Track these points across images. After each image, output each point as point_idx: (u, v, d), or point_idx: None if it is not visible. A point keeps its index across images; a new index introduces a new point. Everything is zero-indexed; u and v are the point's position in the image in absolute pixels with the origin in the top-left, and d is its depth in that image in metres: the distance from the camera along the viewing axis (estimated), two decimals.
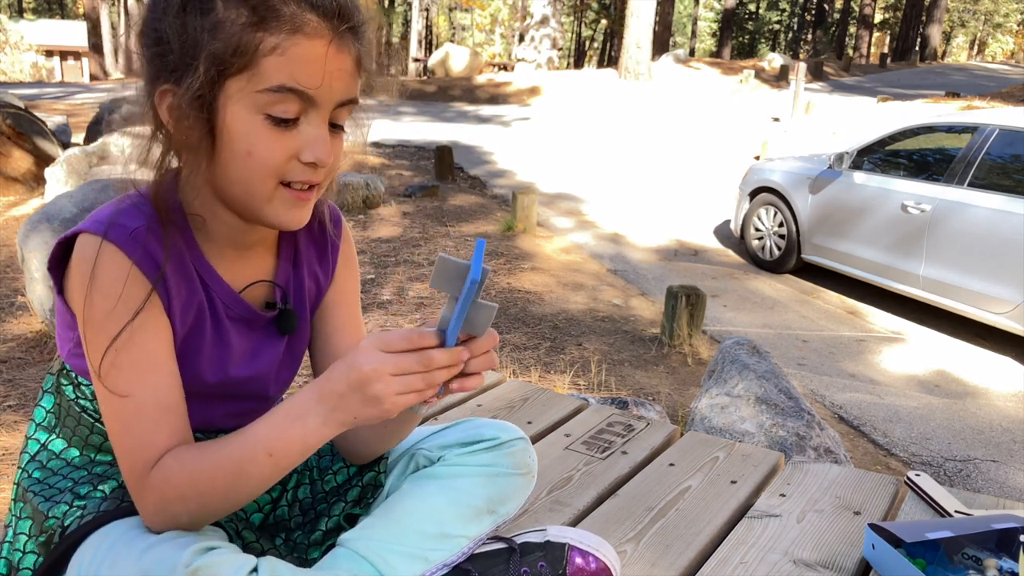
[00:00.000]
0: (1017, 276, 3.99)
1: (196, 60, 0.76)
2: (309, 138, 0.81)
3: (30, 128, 6.77)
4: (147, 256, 0.82)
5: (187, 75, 0.77)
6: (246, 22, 0.76)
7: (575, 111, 15.08)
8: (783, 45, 48.68)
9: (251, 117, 0.78)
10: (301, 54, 0.77)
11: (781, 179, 5.73)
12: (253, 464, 0.80)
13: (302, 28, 0.77)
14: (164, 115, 0.81)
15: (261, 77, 0.77)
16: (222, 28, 0.76)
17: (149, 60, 0.81)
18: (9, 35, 31.11)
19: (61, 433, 0.94)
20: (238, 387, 0.96)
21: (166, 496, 0.81)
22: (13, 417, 2.83)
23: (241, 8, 0.76)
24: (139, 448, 0.82)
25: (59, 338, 0.91)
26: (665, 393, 3.44)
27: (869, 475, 1.48)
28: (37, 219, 3.61)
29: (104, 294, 0.80)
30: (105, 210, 0.84)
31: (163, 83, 0.79)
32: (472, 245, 5.84)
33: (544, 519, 1.27)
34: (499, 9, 39.13)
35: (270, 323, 0.97)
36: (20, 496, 0.93)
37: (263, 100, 0.78)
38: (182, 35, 0.77)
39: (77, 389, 0.91)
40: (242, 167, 0.80)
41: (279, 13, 0.76)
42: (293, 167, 0.82)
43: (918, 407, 3.57)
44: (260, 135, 0.79)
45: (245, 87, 0.77)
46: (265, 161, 0.80)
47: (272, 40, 0.76)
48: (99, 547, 0.82)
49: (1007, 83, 18.29)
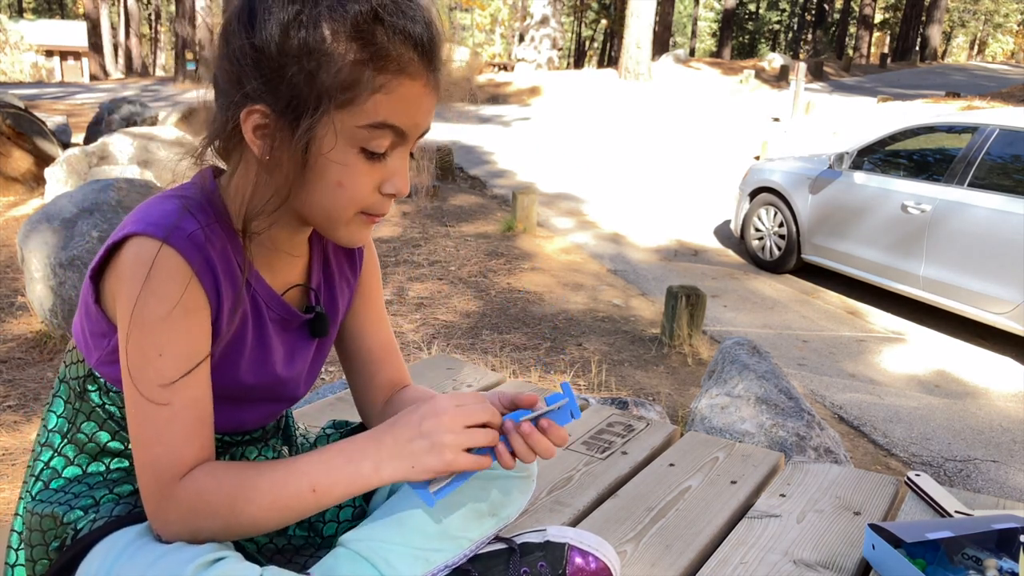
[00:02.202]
0: (1017, 276, 3.99)
1: (301, 90, 0.75)
2: (393, 170, 0.83)
3: (30, 128, 6.77)
4: (206, 263, 0.81)
5: (288, 101, 0.76)
6: (356, 59, 0.75)
7: (575, 111, 15.08)
8: (783, 45, 48.69)
9: (347, 149, 0.79)
10: (404, 94, 0.78)
11: (781, 179, 5.73)
12: (296, 497, 0.82)
13: (406, 69, 0.78)
14: (248, 134, 0.79)
15: (364, 113, 0.77)
16: (331, 61, 0.75)
17: (236, 76, 0.79)
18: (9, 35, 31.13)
19: (75, 440, 0.92)
20: (274, 389, 0.97)
21: (196, 510, 0.81)
22: (13, 417, 2.83)
23: (351, 43, 0.75)
24: (168, 458, 0.81)
25: (86, 346, 0.89)
26: (665, 393, 3.44)
27: (869, 475, 1.48)
28: (37, 219, 3.61)
29: (160, 299, 0.79)
30: (153, 211, 0.82)
31: (254, 103, 0.78)
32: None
33: (544, 519, 1.27)
34: (499, 9, 39.13)
35: (303, 325, 0.98)
36: (32, 504, 0.92)
37: (362, 135, 0.78)
38: (282, 60, 0.75)
39: (106, 395, 0.90)
40: (330, 196, 0.81)
41: (388, 53, 0.76)
42: (375, 198, 0.83)
43: (918, 407, 3.57)
44: (353, 168, 0.80)
45: (346, 120, 0.77)
46: (354, 193, 0.81)
47: (380, 79, 0.77)
48: (108, 554, 0.81)
49: (1007, 83, 18.29)
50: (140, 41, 35.34)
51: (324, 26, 0.75)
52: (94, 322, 0.87)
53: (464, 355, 3.71)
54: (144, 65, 35.32)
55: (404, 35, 0.77)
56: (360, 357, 1.08)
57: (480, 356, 3.72)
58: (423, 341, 3.88)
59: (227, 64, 0.80)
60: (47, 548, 0.89)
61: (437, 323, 4.21)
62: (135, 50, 33.55)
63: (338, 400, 1.75)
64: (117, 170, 5.67)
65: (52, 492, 0.91)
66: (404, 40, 0.77)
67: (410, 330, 4.07)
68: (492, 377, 1.94)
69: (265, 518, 0.82)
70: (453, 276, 5.10)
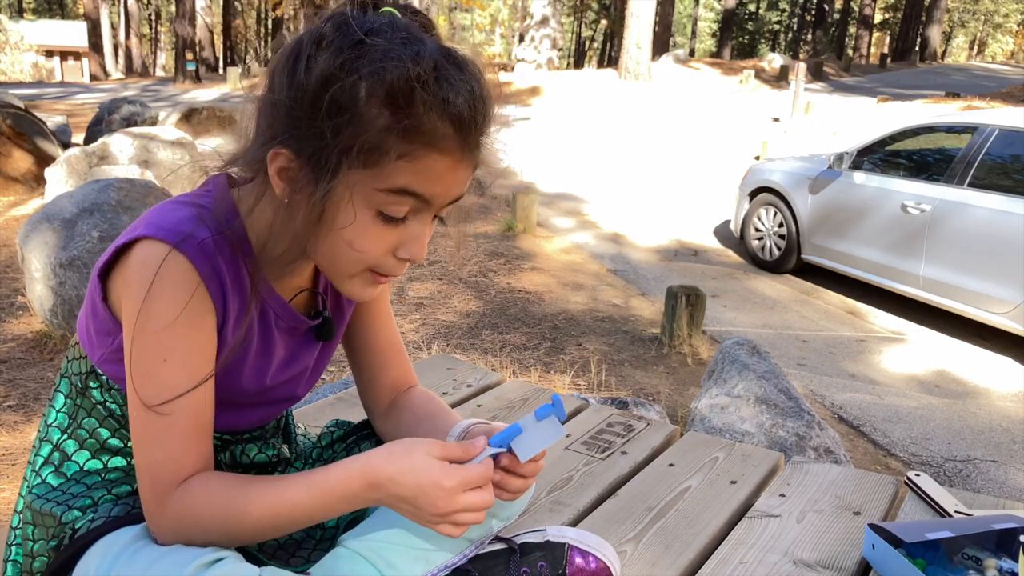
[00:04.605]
0: (1017, 276, 3.99)
1: (326, 144, 0.75)
2: (411, 235, 0.81)
3: (30, 128, 6.78)
4: (214, 273, 0.81)
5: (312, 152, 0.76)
6: (386, 125, 0.74)
7: (575, 111, 15.08)
8: (783, 45, 48.69)
9: (363, 210, 0.78)
10: (431, 166, 0.77)
11: (781, 179, 5.73)
12: (286, 522, 0.83)
13: (437, 144, 0.76)
14: (272, 174, 0.79)
15: (385, 178, 0.76)
16: (360, 123, 0.74)
17: (272, 115, 0.79)
18: (9, 35, 31.14)
19: (75, 435, 0.92)
20: (273, 393, 0.97)
21: (185, 522, 0.82)
22: (13, 417, 2.83)
23: (384, 109, 0.74)
24: (166, 465, 0.81)
25: (89, 343, 0.89)
26: (665, 393, 3.44)
27: (869, 475, 1.48)
28: (37, 219, 3.61)
29: (167, 305, 0.78)
30: (166, 216, 0.81)
31: (280, 145, 0.77)
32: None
33: (544, 519, 1.27)
34: (499, 9, 39.14)
35: (309, 330, 0.98)
36: (31, 499, 0.92)
37: (380, 199, 0.77)
38: (314, 111, 0.74)
39: (108, 393, 0.89)
40: (339, 251, 0.81)
41: (420, 126, 0.74)
42: (386, 260, 0.82)
43: (918, 407, 3.57)
44: (367, 230, 0.79)
45: (366, 181, 0.76)
46: (363, 254, 0.81)
47: (405, 147, 0.75)
48: (106, 554, 0.81)
49: (1007, 83, 18.28)
50: (140, 41, 35.36)
51: (361, 86, 0.73)
52: (100, 320, 0.86)
53: (464, 355, 3.71)
54: (144, 65, 35.34)
55: (441, 110, 0.75)
56: (365, 357, 1.08)
57: (480, 356, 3.72)
58: (423, 341, 3.88)
59: (267, 103, 0.80)
60: (45, 546, 0.89)
61: (437, 323, 4.21)
62: (135, 50, 33.57)
63: (338, 400, 1.75)
64: (117, 170, 5.67)
65: (51, 489, 0.91)
66: (441, 115, 0.75)
67: (410, 330, 4.07)
68: (492, 377, 1.94)
69: (255, 536, 0.84)
70: (453, 276, 5.10)
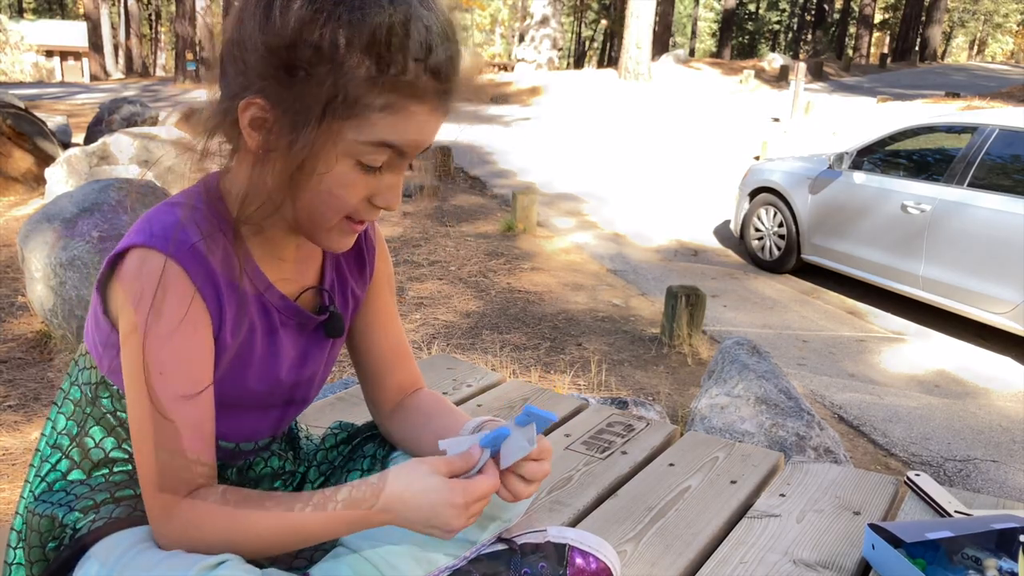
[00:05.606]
0: (1017, 276, 3.99)
1: (307, 94, 0.73)
2: (387, 184, 0.82)
3: (30, 128, 6.77)
4: (208, 279, 0.80)
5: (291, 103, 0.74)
6: (367, 76, 0.73)
7: (576, 111, 15.07)
8: (783, 45, 48.67)
9: (343, 160, 0.77)
10: (411, 116, 0.76)
11: (781, 179, 5.73)
12: (293, 542, 0.83)
13: (417, 92, 0.75)
14: (244, 124, 0.76)
15: (366, 129, 0.76)
16: (341, 73, 0.72)
17: (242, 63, 0.76)
18: (9, 35, 31.14)
19: (81, 443, 0.92)
20: (284, 393, 0.96)
21: (190, 535, 0.81)
22: (13, 417, 2.83)
23: (364, 58, 0.72)
24: (168, 477, 0.81)
25: (97, 353, 0.89)
26: (665, 393, 3.44)
27: (869, 475, 1.48)
28: (37, 219, 3.61)
29: (162, 316, 0.78)
30: (155, 222, 0.80)
31: (256, 95, 0.75)
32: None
33: (544, 519, 1.27)
34: (499, 9, 39.12)
35: (318, 327, 0.97)
36: (32, 502, 0.91)
37: (360, 149, 0.77)
38: (292, 59, 0.72)
39: (118, 402, 0.89)
40: (318, 201, 0.80)
41: (401, 75, 0.74)
42: (363, 207, 0.82)
43: (918, 407, 3.57)
44: (346, 179, 0.78)
45: (347, 133, 0.76)
46: (342, 202, 0.80)
47: (388, 99, 0.74)
48: (108, 556, 0.81)
49: (1007, 83, 18.28)
50: (140, 41, 35.34)
51: (341, 33, 0.71)
52: (104, 332, 0.86)
53: (464, 355, 3.71)
54: (144, 65, 35.32)
55: (421, 57, 0.74)
56: (371, 359, 1.07)
57: (480, 356, 3.72)
58: (423, 341, 3.88)
59: (235, 49, 0.77)
60: (44, 548, 0.88)
61: (437, 323, 4.21)
62: (135, 50, 33.55)
63: (338, 400, 1.75)
64: (117, 170, 5.67)
65: (54, 493, 0.91)
66: (419, 62, 0.74)
67: (410, 330, 4.07)
68: (492, 377, 1.94)
69: (261, 554, 0.84)
70: (453, 276, 5.10)
